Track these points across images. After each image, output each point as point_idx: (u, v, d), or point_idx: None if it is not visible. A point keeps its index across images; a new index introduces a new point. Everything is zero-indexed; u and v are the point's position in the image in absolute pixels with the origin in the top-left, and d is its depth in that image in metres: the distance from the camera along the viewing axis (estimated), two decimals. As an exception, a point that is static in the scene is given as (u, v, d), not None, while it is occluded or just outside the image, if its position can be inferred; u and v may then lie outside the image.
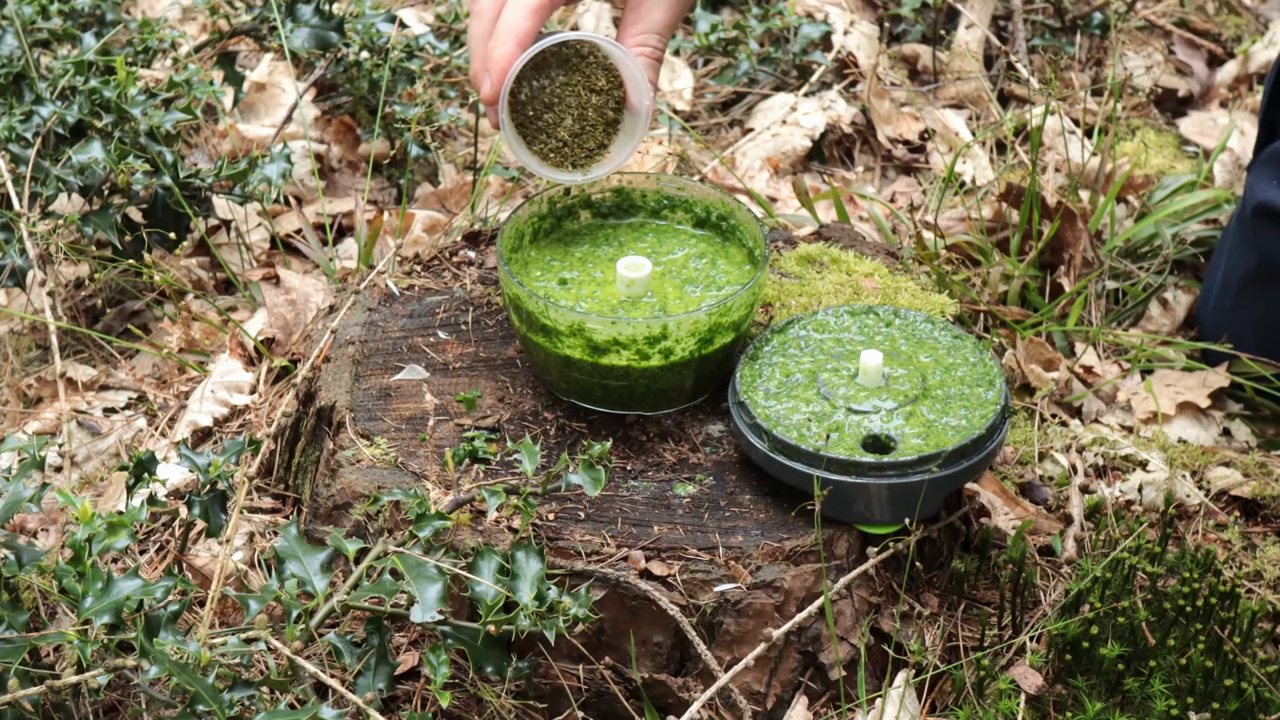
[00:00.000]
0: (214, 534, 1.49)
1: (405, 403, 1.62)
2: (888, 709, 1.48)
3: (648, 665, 1.50)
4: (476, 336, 1.70)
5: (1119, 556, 1.56)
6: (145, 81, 2.25)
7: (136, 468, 1.48)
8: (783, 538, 1.48)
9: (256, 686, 1.30)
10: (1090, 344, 2.05)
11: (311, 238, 2.19)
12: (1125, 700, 1.49)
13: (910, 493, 1.47)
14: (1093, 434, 1.86)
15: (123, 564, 1.65)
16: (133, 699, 1.46)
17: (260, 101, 2.53)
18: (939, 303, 1.82)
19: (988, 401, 1.53)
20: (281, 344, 1.99)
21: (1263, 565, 1.67)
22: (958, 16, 2.71)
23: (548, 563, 1.43)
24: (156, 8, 2.75)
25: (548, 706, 1.50)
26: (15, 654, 1.28)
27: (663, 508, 1.51)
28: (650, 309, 1.58)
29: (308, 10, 2.34)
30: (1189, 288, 2.16)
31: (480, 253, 1.84)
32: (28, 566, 1.34)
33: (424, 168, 2.41)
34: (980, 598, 1.61)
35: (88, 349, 2.06)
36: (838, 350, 1.60)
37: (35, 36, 2.24)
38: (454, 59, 2.53)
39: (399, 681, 1.50)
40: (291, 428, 1.71)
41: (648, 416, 1.59)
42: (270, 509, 1.71)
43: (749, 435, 1.51)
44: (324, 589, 1.37)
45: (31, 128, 1.99)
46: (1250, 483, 1.79)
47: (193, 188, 2.07)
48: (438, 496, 1.50)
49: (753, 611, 1.47)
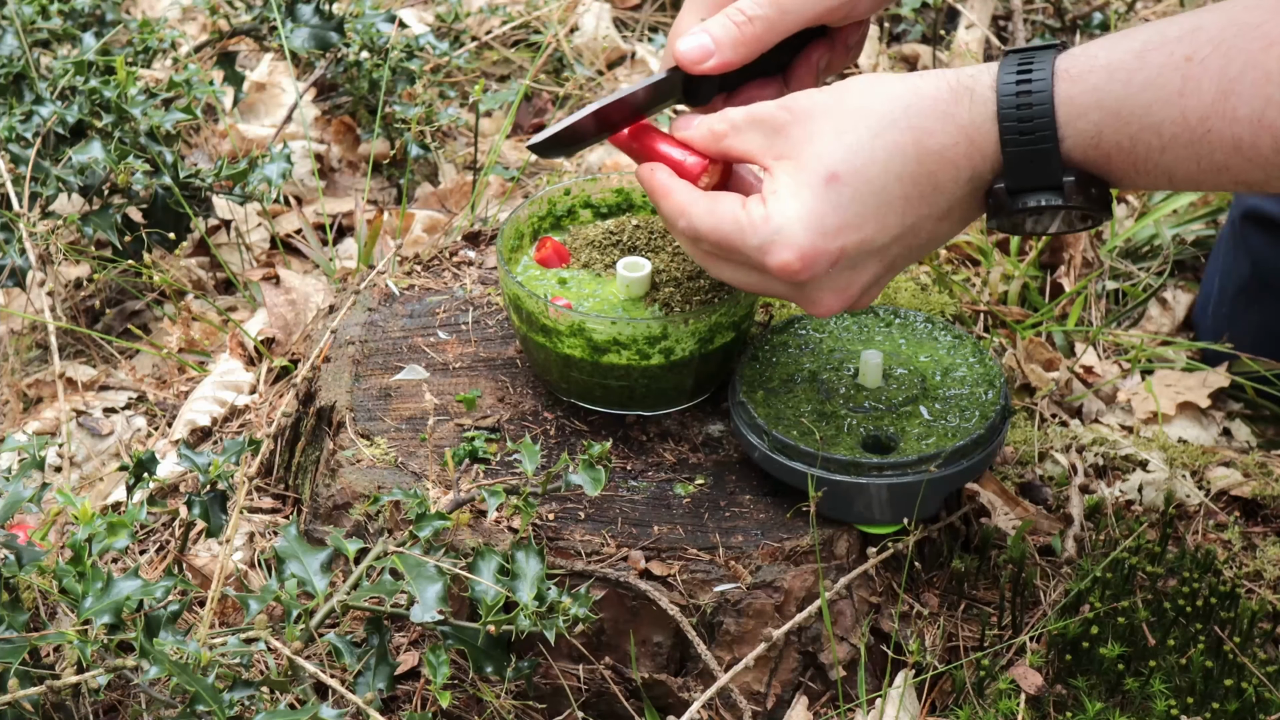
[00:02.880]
0: (214, 534, 1.49)
1: (405, 403, 1.62)
2: (888, 709, 1.48)
3: (648, 665, 1.50)
4: (476, 336, 1.70)
5: (1119, 556, 1.56)
6: (145, 81, 2.25)
7: (136, 468, 1.48)
8: (783, 538, 1.48)
9: (256, 686, 1.30)
10: (1090, 344, 2.05)
11: (311, 238, 2.19)
12: (1125, 700, 1.49)
13: (910, 493, 1.47)
14: (1093, 434, 1.86)
15: (123, 564, 1.65)
16: (133, 699, 1.46)
17: (260, 101, 2.53)
18: (939, 303, 1.82)
19: (988, 401, 1.53)
20: (281, 344, 1.99)
21: (1263, 565, 1.67)
22: (958, 16, 2.71)
23: (548, 563, 1.43)
24: (156, 8, 2.75)
25: (548, 706, 1.50)
26: (15, 654, 1.28)
27: (663, 508, 1.51)
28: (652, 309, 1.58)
29: (308, 10, 2.34)
30: (1189, 288, 2.16)
31: (480, 253, 1.84)
32: (28, 566, 1.34)
33: (424, 168, 2.41)
34: (980, 598, 1.61)
35: (88, 349, 2.06)
36: (838, 350, 1.60)
37: (35, 36, 2.24)
38: (454, 59, 2.53)
39: (399, 681, 1.50)
40: (291, 428, 1.71)
41: (648, 416, 1.59)
42: (270, 509, 1.71)
43: (749, 435, 1.51)
44: (324, 589, 1.37)
45: (31, 128, 1.99)
46: (1250, 483, 1.79)
47: (193, 188, 2.07)
48: (438, 496, 1.50)
49: (753, 611, 1.47)
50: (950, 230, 1.36)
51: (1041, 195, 1.30)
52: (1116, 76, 1.27)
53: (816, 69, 1.54)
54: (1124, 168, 1.29)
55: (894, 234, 1.33)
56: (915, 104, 1.31)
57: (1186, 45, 1.25)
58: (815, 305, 1.38)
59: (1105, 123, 1.27)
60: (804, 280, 1.34)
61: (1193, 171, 1.27)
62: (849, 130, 1.32)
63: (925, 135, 1.30)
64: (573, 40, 2.71)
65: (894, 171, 1.31)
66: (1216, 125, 1.24)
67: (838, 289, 1.36)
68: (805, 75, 1.54)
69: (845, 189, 1.31)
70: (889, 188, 1.31)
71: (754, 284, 1.40)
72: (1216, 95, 1.24)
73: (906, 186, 1.31)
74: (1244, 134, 1.23)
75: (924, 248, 1.37)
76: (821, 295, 1.37)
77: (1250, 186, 1.28)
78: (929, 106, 1.31)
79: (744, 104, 1.49)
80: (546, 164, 2.42)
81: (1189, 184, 1.29)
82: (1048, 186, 1.29)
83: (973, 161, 1.31)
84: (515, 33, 2.74)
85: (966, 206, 1.34)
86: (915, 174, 1.31)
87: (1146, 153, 1.27)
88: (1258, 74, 1.22)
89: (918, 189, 1.31)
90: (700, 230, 1.37)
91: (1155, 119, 1.26)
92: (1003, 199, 1.31)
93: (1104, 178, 1.31)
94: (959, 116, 1.30)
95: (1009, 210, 1.31)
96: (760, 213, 1.33)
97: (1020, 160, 1.29)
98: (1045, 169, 1.29)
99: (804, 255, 1.32)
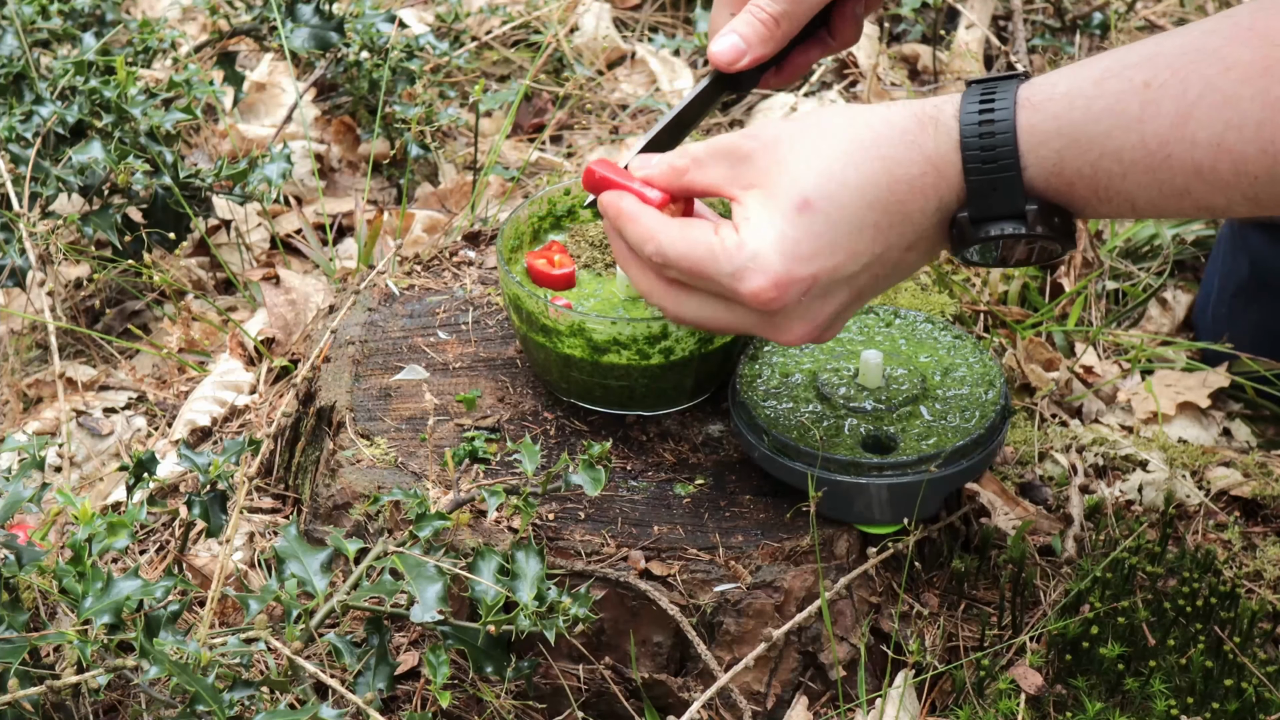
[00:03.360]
0: (214, 534, 1.49)
1: (405, 403, 1.62)
2: (888, 709, 1.48)
3: (648, 665, 1.50)
4: (476, 336, 1.70)
5: (1119, 556, 1.56)
6: (145, 81, 2.25)
7: (136, 468, 1.48)
8: (783, 538, 1.48)
9: (256, 686, 1.30)
10: (1090, 344, 2.05)
11: (311, 238, 2.19)
12: (1125, 700, 1.49)
13: (910, 493, 1.47)
14: (1093, 434, 1.86)
15: (123, 564, 1.65)
16: (133, 699, 1.46)
17: (260, 101, 2.53)
18: (939, 303, 1.82)
19: (988, 401, 1.53)
20: (281, 344, 1.99)
21: (1263, 565, 1.67)
22: (958, 16, 2.71)
23: (548, 563, 1.43)
24: (156, 8, 2.75)
25: (548, 706, 1.50)
26: (15, 654, 1.28)
27: (663, 508, 1.51)
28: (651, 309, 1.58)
29: (308, 10, 2.34)
30: (1189, 288, 2.16)
31: (480, 253, 1.84)
32: (28, 566, 1.34)
33: (424, 168, 2.41)
34: (980, 598, 1.61)
35: (88, 349, 2.06)
36: (838, 350, 1.60)
37: (35, 36, 2.24)
38: (454, 59, 2.53)
39: (399, 681, 1.50)
40: (291, 428, 1.71)
41: (648, 416, 1.59)
42: (270, 509, 1.71)
43: (749, 435, 1.51)
44: (324, 589, 1.37)
45: (31, 128, 1.99)
46: (1250, 483, 1.79)
47: (193, 188, 2.07)
48: (438, 496, 1.50)
49: (753, 611, 1.47)
50: (916, 261, 1.35)
51: (1005, 224, 1.29)
52: (1076, 104, 1.26)
53: (855, 18, 1.54)
54: (1086, 195, 1.28)
55: (864, 262, 1.32)
56: (885, 133, 1.31)
57: (1145, 71, 1.25)
58: (784, 334, 1.36)
59: (1066, 150, 1.27)
60: (776, 309, 1.32)
61: (1154, 198, 1.26)
62: (820, 157, 1.31)
63: (895, 165, 1.30)
64: (573, 40, 2.71)
65: (866, 199, 1.30)
66: (1176, 150, 1.24)
67: (808, 318, 1.34)
68: (846, 27, 1.53)
69: (818, 216, 1.30)
70: (861, 215, 1.30)
71: (716, 317, 1.37)
72: (1175, 120, 1.23)
73: (878, 215, 1.30)
74: (1204, 158, 1.23)
75: (889, 278, 1.36)
76: (791, 324, 1.35)
77: (1213, 212, 1.28)
78: (898, 136, 1.30)
79: (794, 72, 1.52)
80: (547, 164, 2.42)
81: (1151, 210, 1.28)
82: (1010, 215, 1.29)
83: (939, 191, 1.30)
84: (515, 33, 2.74)
85: (932, 239, 1.33)
86: (887, 202, 1.30)
87: (1108, 180, 1.27)
88: (1216, 98, 1.22)
89: (888, 218, 1.31)
90: (670, 255, 1.34)
91: (1115, 145, 1.25)
92: (965, 228, 1.31)
93: (1067, 207, 1.30)
94: (925, 146, 1.30)
95: (971, 239, 1.31)
96: (734, 239, 1.31)
97: (983, 189, 1.29)
98: (1008, 197, 1.28)
99: (778, 282, 1.30)
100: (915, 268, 1.36)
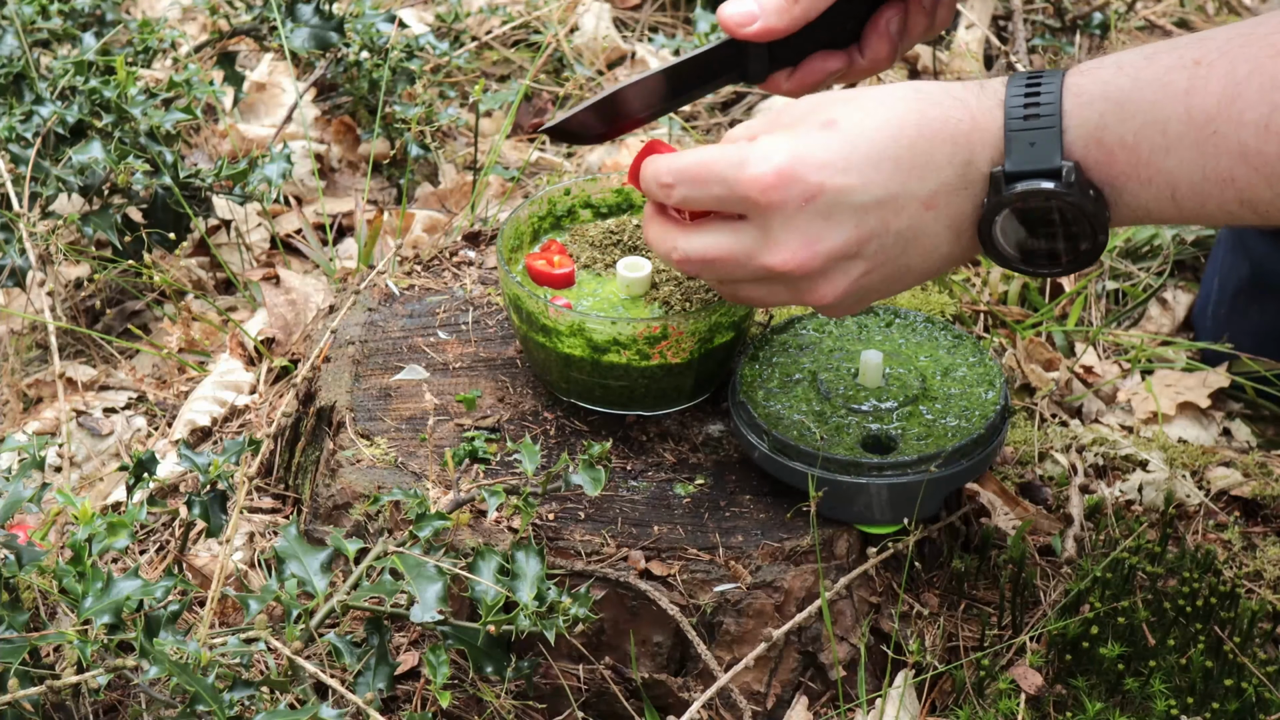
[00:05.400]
0: (214, 534, 1.49)
1: (405, 403, 1.62)
2: (888, 709, 1.48)
3: (648, 665, 1.50)
4: (476, 336, 1.70)
5: (1119, 556, 1.56)
6: (145, 81, 2.25)
7: (136, 468, 1.48)
8: (783, 538, 1.48)
9: (256, 686, 1.30)
10: (1090, 344, 2.05)
11: (311, 238, 2.19)
12: (1125, 700, 1.49)
13: (910, 493, 1.47)
14: (1093, 434, 1.86)
15: (123, 564, 1.65)
16: (133, 699, 1.46)
17: (260, 101, 2.53)
18: (939, 303, 1.82)
19: (988, 402, 1.53)
20: (281, 344, 1.99)
21: (1263, 565, 1.67)
22: (958, 16, 2.71)
23: (548, 563, 1.43)
24: (156, 8, 2.75)
25: (548, 706, 1.50)
26: (15, 654, 1.28)
27: (663, 508, 1.51)
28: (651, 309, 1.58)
29: (308, 10, 2.34)
30: (1189, 288, 2.16)
31: (480, 253, 1.84)
32: (28, 566, 1.34)
33: (424, 168, 2.41)
34: (980, 598, 1.61)
35: (88, 349, 2.06)
36: (838, 350, 1.60)
37: (35, 36, 2.24)
38: (454, 59, 2.53)
39: (399, 681, 1.50)
40: (291, 428, 1.71)
41: (648, 416, 1.59)
42: (270, 509, 1.71)
43: (749, 435, 1.51)
44: (324, 589, 1.37)
45: (31, 128, 1.99)
46: (1250, 483, 1.79)
47: (193, 188, 2.07)
48: (438, 496, 1.50)
49: (753, 611, 1.47)
50: (932, 231, 1.32)
51: (1039, 180, 1.28)
52: (1124, 72, 1.28)
53: (889, 34, 1.49)
54: (1127, 172, 1.28)
55: (876, 195, 1.30)
56: (930, 89, 1.33)
57: (1195, 50, 1.26)
58: (780, 249, 1.32)
59: (1110, 114, 1.27)
60: (775, 203, 1.30)
61: (1197, 181, 1.26)
62: (854, 96, 1.33)
63: (931, 106, 1.31)
64: (573, 40, 2.71)
65: (892, 132, 1.30)
66: (1223, 128, 1.24)
67: (808, 235, 1.31)
68: (878, 43, 1.50)
69: (838, 134, 1.30)
70: (882, 143, 1.30)
71: (719, 245, 1.35)
72: (1223, 97, 1.24)
73: (901, 149, 1.30)
74: (1250, 139, 1.23)
75: (900, 243, 1.33)
76: (788, 237, 1.31)
77: (1255, 208, 1.27)
78: (941, 92, 1.32)
79: (808, 77, 1.48)
80: (547, 164, 2.42)
81: (1192, 200, 1.27)
82: (1046, 173, 1.29)
83: (971, 141, 1.30)
84: (515, 33, 2.74)
85: (953, 203, 1.31)
86: (914, 139, 1.30)
87: (1150, 154, 1.27)
88: (1264, 79, 1.22)
89: (911, 155, 1.30)
90: (679, 163, 1.35)
91: (1161, 115, 1.26)
92: (1000, 184, 1.30)
93: (1104, 186, 1.29)
94: (969, 101, 1.31)
95: (1004, 200, 1.29)
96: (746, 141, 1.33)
97: (1021, 141, 1.29)
98: (1045, 151, 1.28)
99: (780, 171, 1.29)
100: (929, 249, 1.34)
